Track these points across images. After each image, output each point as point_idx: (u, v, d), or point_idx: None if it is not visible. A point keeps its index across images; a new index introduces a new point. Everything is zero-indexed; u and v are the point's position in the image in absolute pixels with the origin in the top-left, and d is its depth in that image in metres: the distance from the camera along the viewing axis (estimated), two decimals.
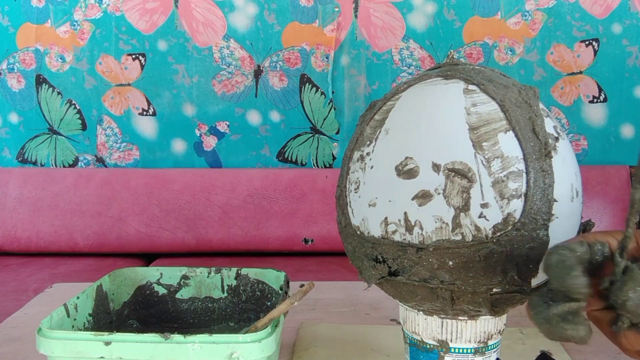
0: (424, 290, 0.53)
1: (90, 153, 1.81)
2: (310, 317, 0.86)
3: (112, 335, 0.52)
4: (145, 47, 1.77)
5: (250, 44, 1.77)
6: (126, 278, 0.73)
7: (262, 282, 0.72)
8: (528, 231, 0.50)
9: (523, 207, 0.50)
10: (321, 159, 1.82)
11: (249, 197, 1.68)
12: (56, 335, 0.53)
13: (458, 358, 0.57)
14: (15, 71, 1.79)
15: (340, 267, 1.55)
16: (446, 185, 0.50)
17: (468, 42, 1.76)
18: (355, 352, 0.73)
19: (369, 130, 0.57)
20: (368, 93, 1.77)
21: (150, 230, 1.66)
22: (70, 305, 0.62)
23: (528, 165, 0.50)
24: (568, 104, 1.78)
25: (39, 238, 1.66)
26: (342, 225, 0.59)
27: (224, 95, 1.79)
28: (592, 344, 0.75)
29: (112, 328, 0.70)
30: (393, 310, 0.87)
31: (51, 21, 1.77)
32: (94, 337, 0.52)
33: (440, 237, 0.51)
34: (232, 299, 0.73)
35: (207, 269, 0.74)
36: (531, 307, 0.42)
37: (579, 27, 1.75)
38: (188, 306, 0.74)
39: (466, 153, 0.50)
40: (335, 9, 1.75)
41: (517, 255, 0.50)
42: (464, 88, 0.53)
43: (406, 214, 0.52)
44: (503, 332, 0.59)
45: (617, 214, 1.69)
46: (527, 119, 0.51)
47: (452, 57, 0.59)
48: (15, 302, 1.20)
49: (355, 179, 0.57)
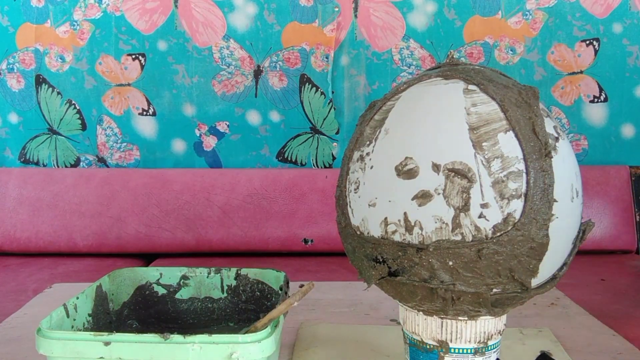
0: (424, 291, 0.53)
1: (91, 153, 1.81)
2: (310, 318, 0.86)
3: (111, 335, 0.52)
4: (145, 47, 1.77)
5: (250, 44, 1.77)
6: (126, 278, 0.73)
7: (261, 282, 0.72)
8: (528, 231, 0.50)
9: (523, 207, 0.50)
10: (321, 159, 1.81)
11: (248, 197, 1.68)
12: (56, 335, 0.53)
13: (458, 358, 0.57)
14: (15, 71, 1.78)
15: (340, 267, 1.55)
16: (446, 185, 0.50)
17: (469, 41, 1.76)
18: (355, 353, 0.73)
19: (369, 130, 0.57)
20: (368, 93, 1.77)
21: (150, 230, 1.66)
22: (70, 305, 0.62)
23: (528, 165, 0.50)
24: (569, 104, 1.78)
25: (38, 238, 1.66)
26: (342, 225, 0.59)
27: (224, 95, 1.79)
28: (592, 344, 0.76)
29: (111, 328, 0.70)
30: (393, 311, 0.87)
31: (51, 21, 1.77)
32: (93, 338, 0.52)
33: (440, 237, 0.50)
34: (231, 299, 0.73)
35: (206, 269, 0.74)
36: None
37: (579, 27, 1.75)
38: (188, 306, 0.74)
39: (466, 153, 0.50)
40: (335, 8, 1.75)
41: (517, 255, 0.50)
42: (463, 88, 0.53)
43: (406, 214, 0.52)
44: (503, 332, 0.58)
45: (617, 214, 1.69)
46: (527, 119, 0.51)
47: (451, 57, 0.59)
48: (15, 302, 1.20)
49: (355, 179, 0.57)
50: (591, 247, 1.65)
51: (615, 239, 1.68)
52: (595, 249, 1.67)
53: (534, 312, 0.88)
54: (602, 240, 1.68)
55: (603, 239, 1.68)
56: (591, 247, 1.65)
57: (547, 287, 0.55)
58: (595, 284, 1.40)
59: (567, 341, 0.77)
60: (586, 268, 1.51)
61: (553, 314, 0.88)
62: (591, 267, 1.53)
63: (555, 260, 0.54)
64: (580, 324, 0.84)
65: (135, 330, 0.72)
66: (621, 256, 1.68)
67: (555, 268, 0.55)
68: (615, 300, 1.29)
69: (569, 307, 0.91)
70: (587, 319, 0.86)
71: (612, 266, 1.56)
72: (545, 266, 0.52)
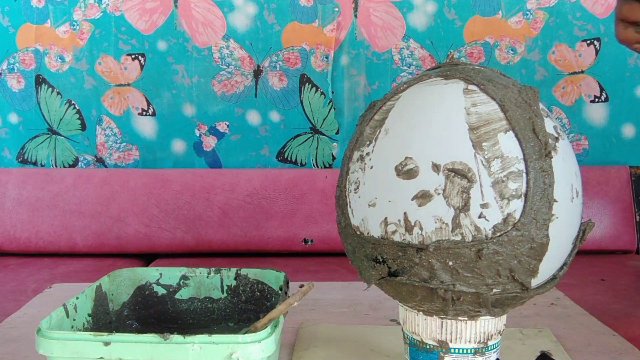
0: (423, 291, 0.53)
1: (90, 153, 1.81)
2: (310, 318, 0.86)
3: (111, 335, 0.52)
4: (145, 47, 1.77)
5: (249, 44, 1.77)
6: (125, 278, 0.73)
7: (261, 282, 0.72)
8: (528, 231, 0.50)
9: (523, 207, 0.49)
10: (321, 159, 1.81)
11: (248, 197, 1.68)
12: (55, 335, 0.53)
13: (458, 358, 0.57)
14: (15, 71, 1.78)
15: (340, 267, 1.55)
16: (446, 185, 0.50)
17: (469, 41, 1.76)
18: (355, 353, 0.73)
19: (369, 131, 0.57)
20: (368, 93, 1.77)
21: (150, 230, 1.66)
22: (70, 305, 0.62)
23: (528, 165, 0.50)
24: (569, 104, 1.78)
25: (38, 238, 1.66)
26: (342, 225, 0.59)
27: (224, 95, 1.79)
28: (592, 344, 0.75)
29: (111, 328, 0.70)
30: (393, 311, 0.87)
31: (51, 21, 1.77)
32: (93, 338, 0.52)
33: (440, 237, 0.50)
34: (231, 299, 0.73)
35: (206, 269, 0.74)
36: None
37: (580, 27, 1.75)
38: (187, 306, 0.74)
39: (466, 153, 0.50)
40: (335, 8, 1.75)
41: (517, 256, 0.50)
42: (463, 88, 0.53)
43: (406, 214, 0.52)
44: (503, 332, 0.58)
45: (617, 214, 1.69)
46: (527, 119, 0.51)
47: (451, 57, 0.59)
48: (15, 302, 1.20)
49: (355, 179, 0.57)
50: (591, 247, 1.65)
51: (615, 239, 1.68)
52: (596, 249, 1.67)
53: (534, 312, 0.88)
54: (602, 240, 1.68)
55: (603, 239, 1.68)
56: (591, 247, 1.65)
57: (547, 287, 0.55)
58: (595, 284, 1.40)
59: (567, 341, 0.77)
60: (586, 268, 1.51)
61: (553, 314, 0.88)
62: (591, 267, 1.53)
63: (555, 260, 0.54)
64: (580, 324, 0.84)
65: (135, 330, 0.72)
66: (621, 256, 1.68)
67: (555, 268, 0.55)
68: (615, 300, 1.29)
69: (569, 307, 0.91)
70: (587, 319, 0.86)
71: (612, 266, 1.57)
72: (545, 266, 0.52)
